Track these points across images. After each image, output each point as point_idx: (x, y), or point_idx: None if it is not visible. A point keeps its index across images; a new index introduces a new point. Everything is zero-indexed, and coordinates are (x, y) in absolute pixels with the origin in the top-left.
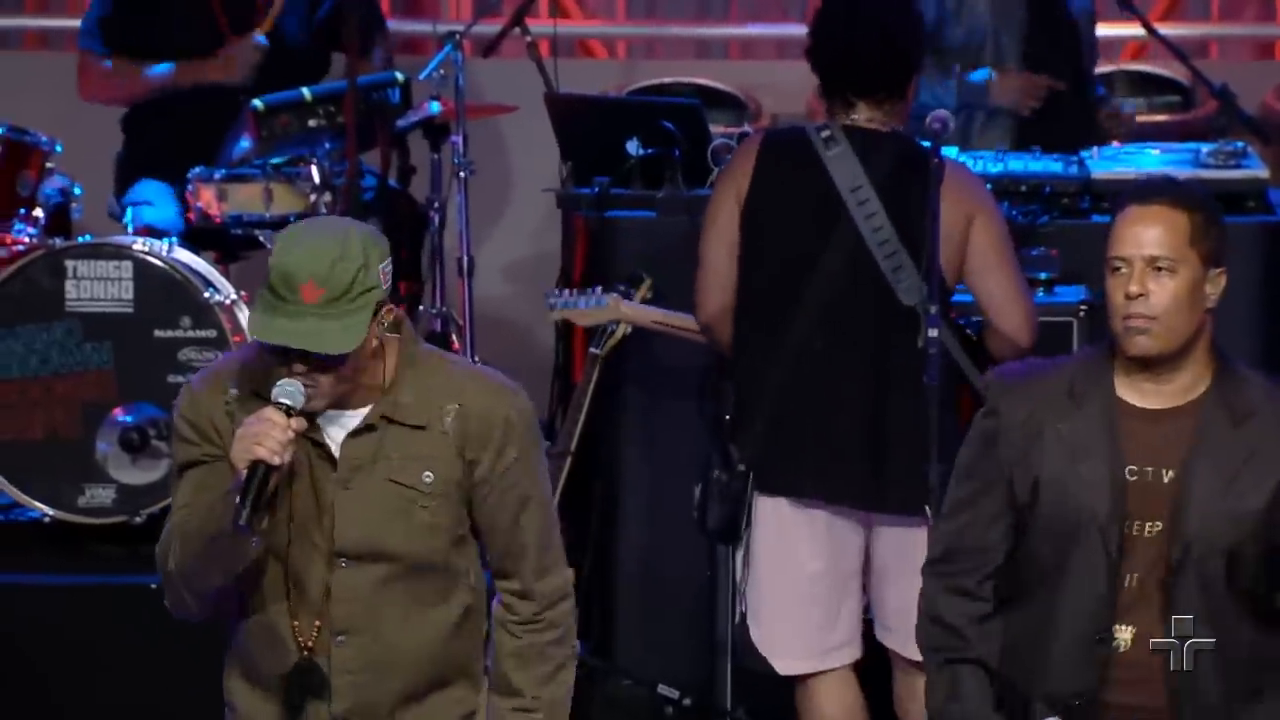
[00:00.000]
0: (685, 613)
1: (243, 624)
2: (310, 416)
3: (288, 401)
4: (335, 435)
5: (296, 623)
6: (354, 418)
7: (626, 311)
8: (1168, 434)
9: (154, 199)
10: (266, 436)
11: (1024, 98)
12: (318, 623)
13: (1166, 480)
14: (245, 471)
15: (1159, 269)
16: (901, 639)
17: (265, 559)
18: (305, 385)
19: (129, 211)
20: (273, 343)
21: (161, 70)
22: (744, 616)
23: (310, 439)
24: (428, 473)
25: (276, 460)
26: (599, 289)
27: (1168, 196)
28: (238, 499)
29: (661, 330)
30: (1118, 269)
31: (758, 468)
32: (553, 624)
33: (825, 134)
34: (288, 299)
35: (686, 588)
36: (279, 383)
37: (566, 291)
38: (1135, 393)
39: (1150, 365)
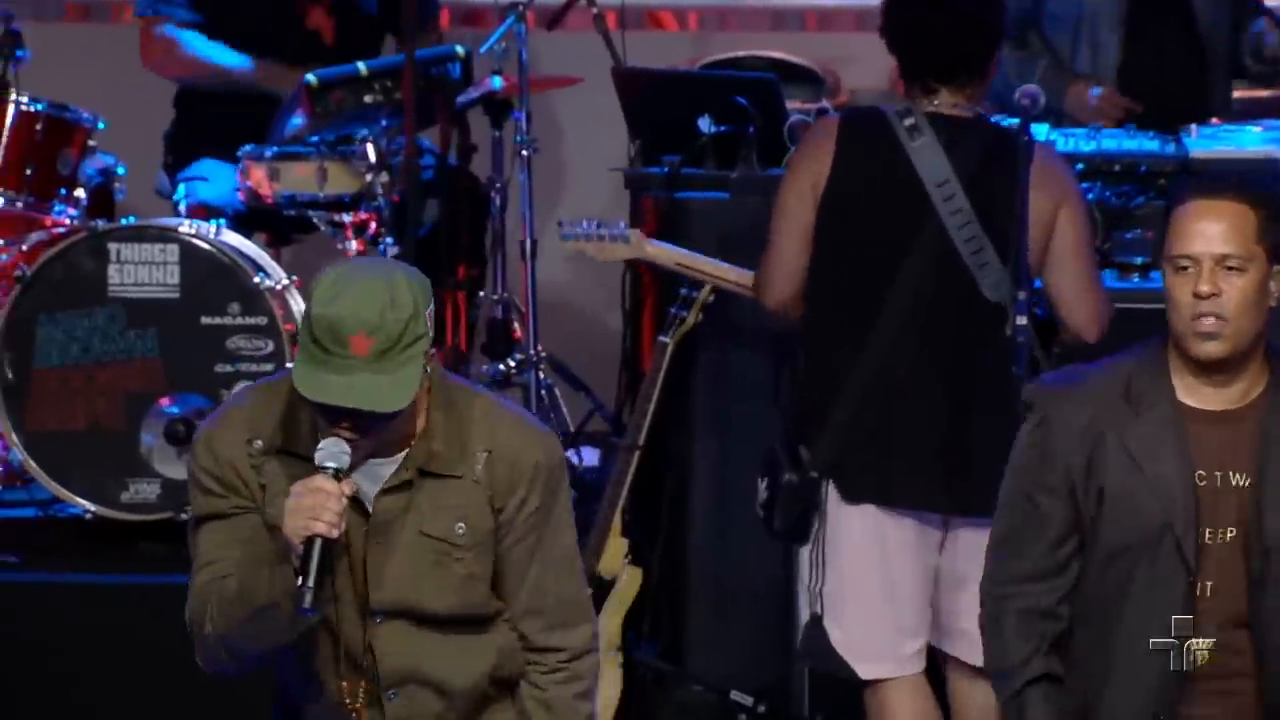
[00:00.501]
0: (760, 614)
1: (292, 681)
2: (350, 471)
3: (334, 465)
4: (368, 487)
5: (345, 683)
6: (387, 466)
7: (651, 250)
8: (1232, 437)
9: (210, 176)
10: (323, 510)
11: (1095, 115)
12: (364, 683)
13: (1236, 485)
14: (302, 546)
15: (1230, 268)
16: (969, 645)
17: (318, 623)
18: (349, 440)
19: (181, 188)
20: (326, 402)
21: (241, 66)
22: (814, 619)
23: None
24: (460, 524)
25: (335, 533)
26: (623, 222)
27: (1234, 190)
28: (300, 579)
29: (689, 274)
30: (1184, 268)
31: (836, 472)
32: (578, 676)
33: (909, 122)
34: (335, 352)
35: (761, 587)
36: (322, 445)
37: (585, 221)
38: (1195, 395)
39: (1214, 368)
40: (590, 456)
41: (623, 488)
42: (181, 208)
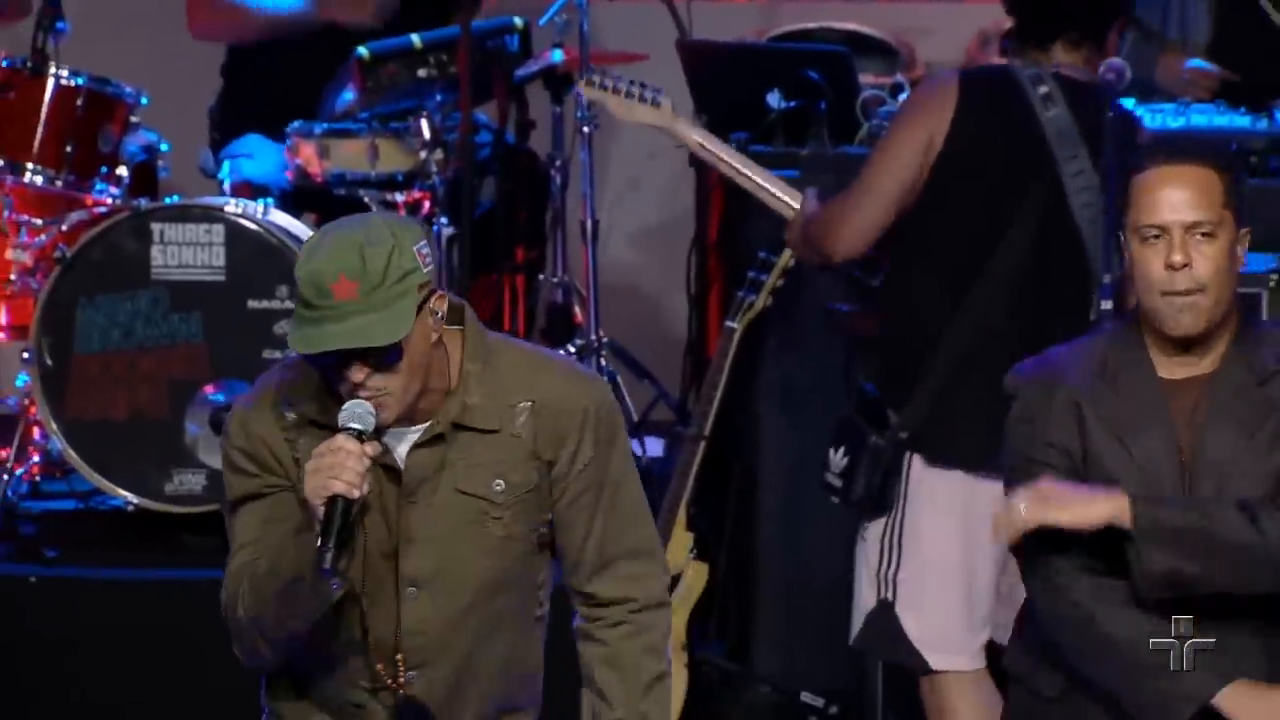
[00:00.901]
0: (831, 611)
1: (312, 669)
2: (379, 435)
3: (358, 426)
4: (401, 451)
5: (372, 665)
6: (421, 429)
7: (683, 130)
8: (1201, 402)
9: (256, 153)
10: (342, 468)
11: (1189, 88)
12: (385, 665)
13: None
14: (323, 508)
15: (1201, 235)
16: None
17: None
18: (372, 399)
19: (226, 165)
20: (317, 351)
21: (294, 3)
22: (883, 605)
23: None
24: (498, 481)
25: (356, 493)
26: (658, 89)
27: (1197, 153)
28: (319, 540)
29: (714, 164)
30: (1153, 238)
31: (925, 436)
32: (646, 628)
33: (1043, 90)
34: (323, 305)
35: (833, 583)
36: (345, 407)
37: (615, 74)
38: (1171, 368)
39: (1190, 341)
40: (654, 446)
41: (688, 479)
42: (226, 186)
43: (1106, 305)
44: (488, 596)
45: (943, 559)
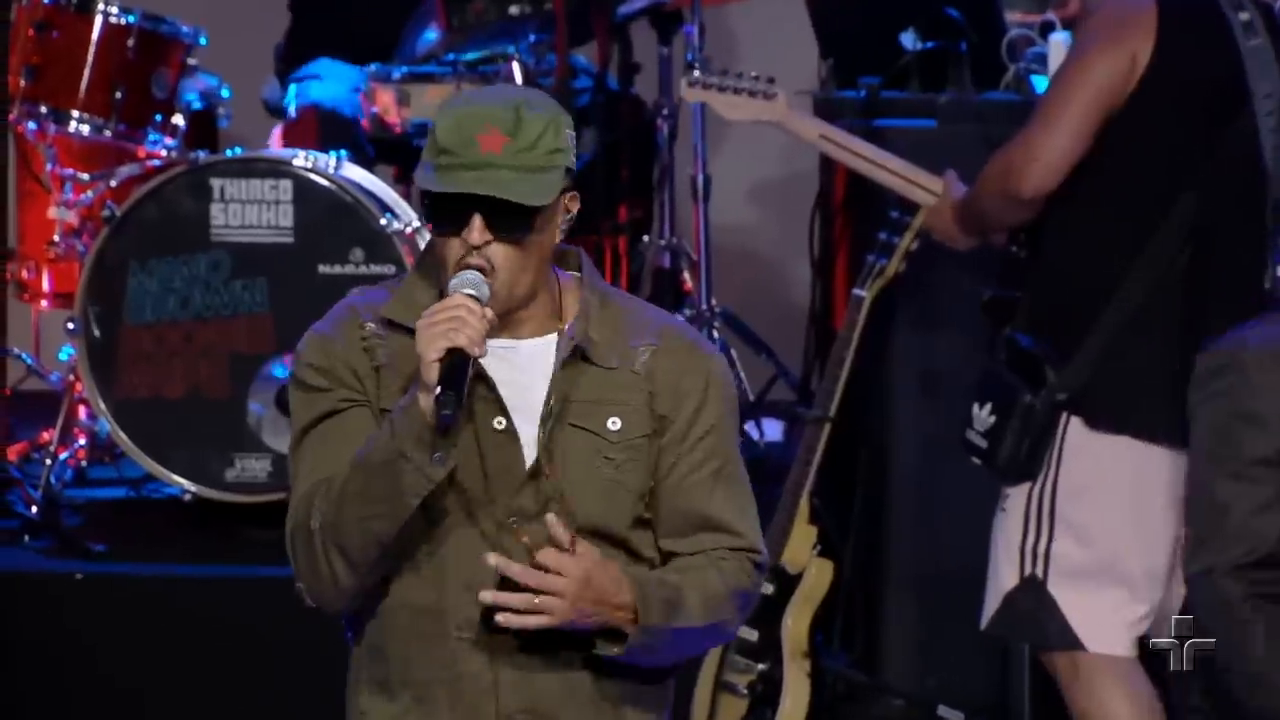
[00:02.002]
0: (972, 614)
1: (381, 619)
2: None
3: (474, 292)
4: (504, 373)
5: (454, 608)
6: (525, 350)
7: (801, 124)
8: None
9: (325, 74)
10: (463, 323)
11: None
12: (470, 611)
13: None
14: (438, 365)
15: None
16: None
17: (415, 534)
18: (476, 268)
19: (291, 89)
20: (453, 190)
21: None
22: (1030, 583)
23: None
24: (614, 419)
25: (478, 350)
26: (770, 80)
27: None
28: (437, 390)
29: (841, 158)
30: None
31: (1089, 398)
32: (749, 571)
33: (1244, 17)
34: (460, 153)
35: (973, 583)
36: (455, 277)
37: (720, 70)
38: None
39: None
40: (773, 430)
41: (810, 467)
42: (291, 111)
43: None
44: (591, 544)
45: (1108, 531)
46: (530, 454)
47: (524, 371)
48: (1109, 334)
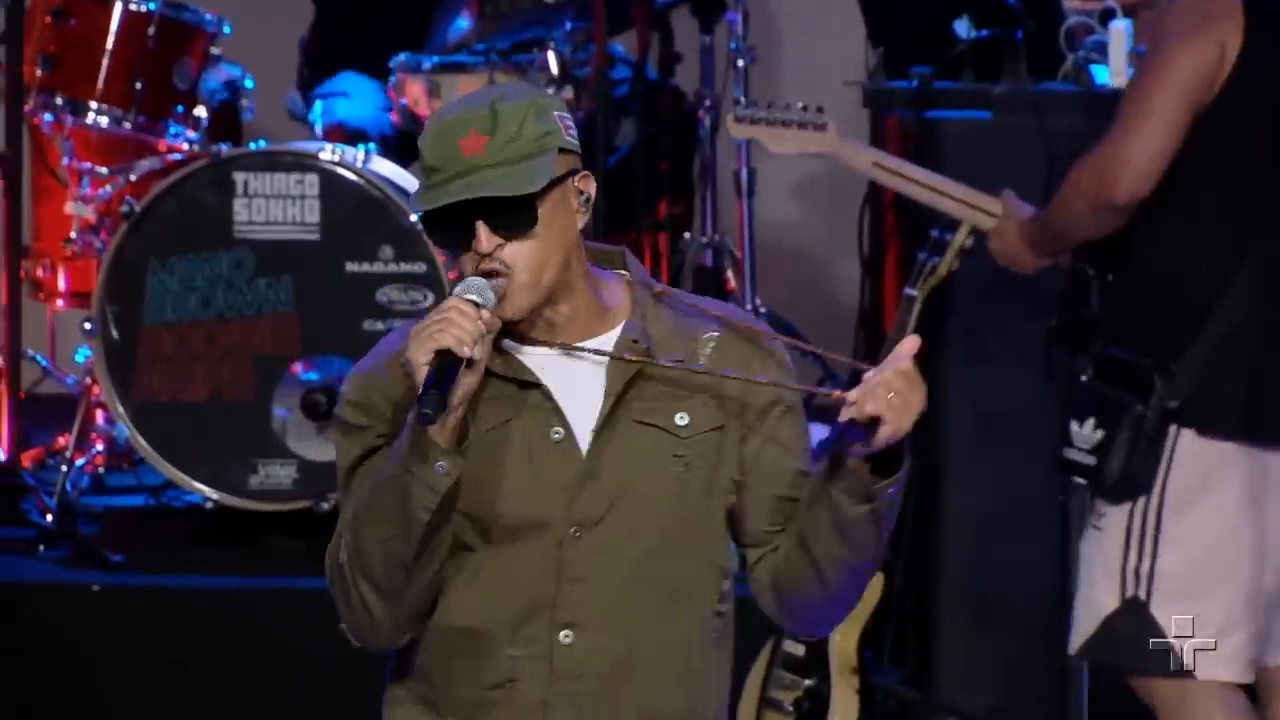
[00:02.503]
0: (1028, 629)
1: (428, 636)
2: (515, 329)
3: (475, 297)
4: (560, 379)
5: (504, 623)
6: (579, 353)
7: (854, 153)
8: None
9: (352, 91)
10: (451, 324)
11: None
12: (554, 613)
13: None
14: (426, 369)
15: None
16: None
17: (477, 547)
18: (496, 277)
19: (317, 105)
20: (435, 206)
21: None
22: (1132, 605)
23: (521, 381)
24: (682, 414)
25: (466, 350)
26: (819, 109)
27: None
28: (419, 392)
29: (896, 186)
30: None
31: (1199, 405)
32: None
33: None
34: (446, 166)
35: (1030, 596)
36: (463, 283)
37: (765, 104)
38: None
39: None
40: (819, 434)
41: None
42: (317, 129)
43: None
44: (659, 555)
45: (1224, 545)
46: (591, 459)
47: (580, 376)
48: (1216, 339)
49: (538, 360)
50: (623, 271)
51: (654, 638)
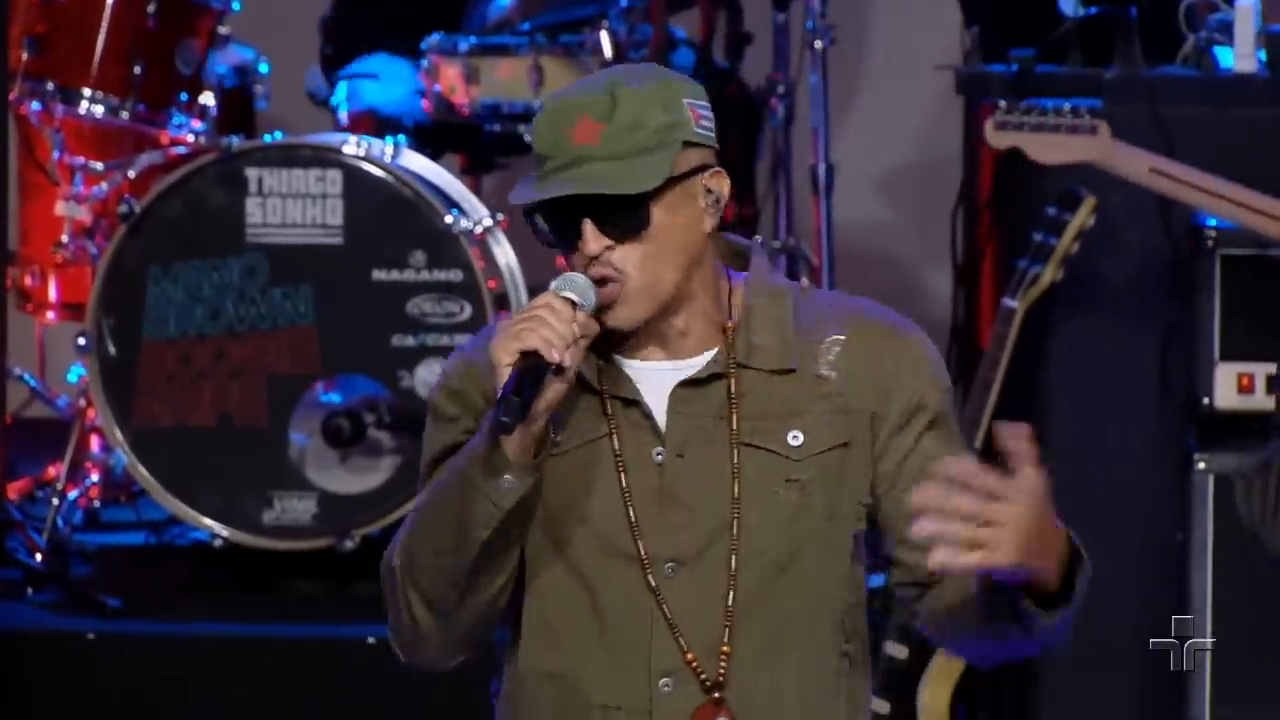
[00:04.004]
0: (1140, 680)
1: (515, 687)
2: (619, 339)
3: (573, 296)
4: (657, 396)
5: (596, 675)
6: (687, 370)
7: (1129, 160)
8: None
9: (382, 73)
10: (540, 323)
11: None
12: (648, 659)
13: None
14: (509, 369)
15: None
16: None
17: (559, 581)
18: (601, 279)
19: (343, 88)
20: (531, 201)
21: None
22: None
23: (621, 399)
24: (795, 433)
25: (555, 355)
26: (1091, 111)
27: None
28: (498, 395)
29: (1179, 195)
30: None
31: None
32: None
33: None
34: (555, 155)
35: (1142, 644)
36: (562, 276)
37: (1032, 106)
38: None
39: None
40: None
41: None
42: (342, 115)
43: None
44: (769, 591)
45: None
46: (689, 485)
47: (680, 393)
48: None
49: (636, 372)
50: (743, 274)
51: (765, 687)
